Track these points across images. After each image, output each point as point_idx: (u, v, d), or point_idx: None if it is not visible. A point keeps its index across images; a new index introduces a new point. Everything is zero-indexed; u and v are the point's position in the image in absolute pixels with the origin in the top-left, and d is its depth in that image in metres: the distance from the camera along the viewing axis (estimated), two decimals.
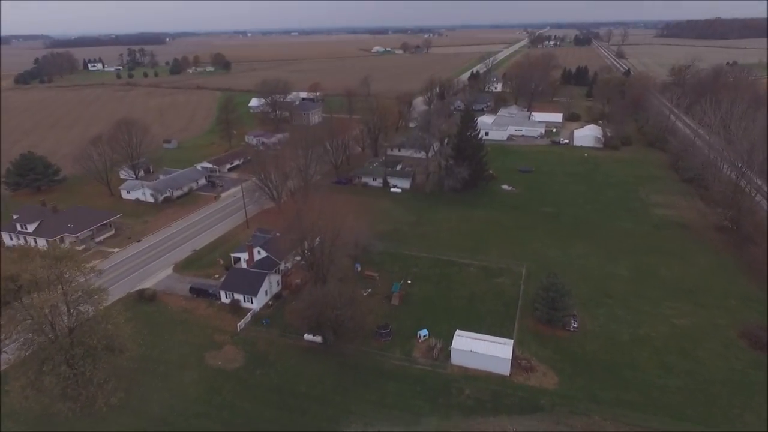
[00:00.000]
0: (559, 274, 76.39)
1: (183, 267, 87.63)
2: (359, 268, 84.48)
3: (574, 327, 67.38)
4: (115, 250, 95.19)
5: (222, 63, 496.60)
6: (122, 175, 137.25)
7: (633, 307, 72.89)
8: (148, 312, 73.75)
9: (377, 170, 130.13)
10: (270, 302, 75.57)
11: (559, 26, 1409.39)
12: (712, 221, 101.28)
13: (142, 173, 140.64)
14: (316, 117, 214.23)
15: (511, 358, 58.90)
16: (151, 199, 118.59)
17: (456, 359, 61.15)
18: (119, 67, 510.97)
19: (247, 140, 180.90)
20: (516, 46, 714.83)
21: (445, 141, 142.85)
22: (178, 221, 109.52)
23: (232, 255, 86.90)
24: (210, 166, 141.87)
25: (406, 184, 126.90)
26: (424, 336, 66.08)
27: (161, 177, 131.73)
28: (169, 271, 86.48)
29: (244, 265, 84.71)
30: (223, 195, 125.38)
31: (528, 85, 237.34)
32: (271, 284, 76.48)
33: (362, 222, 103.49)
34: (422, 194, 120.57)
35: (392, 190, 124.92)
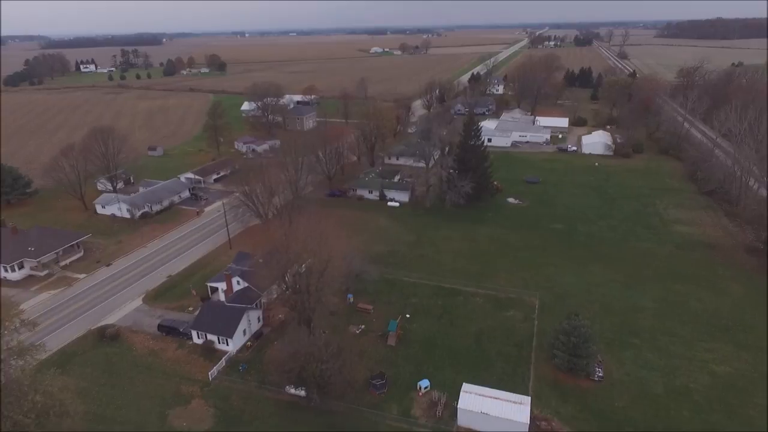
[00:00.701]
0: (579, 309, 67.66)
1: (154, 297, 78.16)
2: (351, 299, 75.14)
3: (599, 376, 58.14)
4: (81, 275, 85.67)
5: (217, 64, 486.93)
6: (100, 186, 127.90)
7: (664, 349, 63.61)
8: (108, 354, 64.28)
9: (373, 182, 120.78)
10: (249, 342, 66.17)
11: (558, 26, 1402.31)
12: (741, 241, 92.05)
13: (121, 185, 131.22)
14: (310, 122, 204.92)
15: (529, 421, 49.58)
16: (127, 215, 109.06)
17: (463, 421, 51.84)
18: (112, 69, 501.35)
19: (236, 147, 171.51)
20: (516, 47, 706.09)
21: (446, 150, 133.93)
22: (154, 241, 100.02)
23: (209, 284, 77.48)
24: (194, 177, 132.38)
25: (404, 197, 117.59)
26: (425, 388, 56.76)
27: (141, 189, 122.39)
28: (139, 302, 77.01)
29: (221, 295, 75.42)
30: (207, 209, 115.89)
31: (531, 88, 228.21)
32: (250, 322, 67.08)
33: (356, 242, 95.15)
34: (422, 209, 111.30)
35: (390, 203, 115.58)
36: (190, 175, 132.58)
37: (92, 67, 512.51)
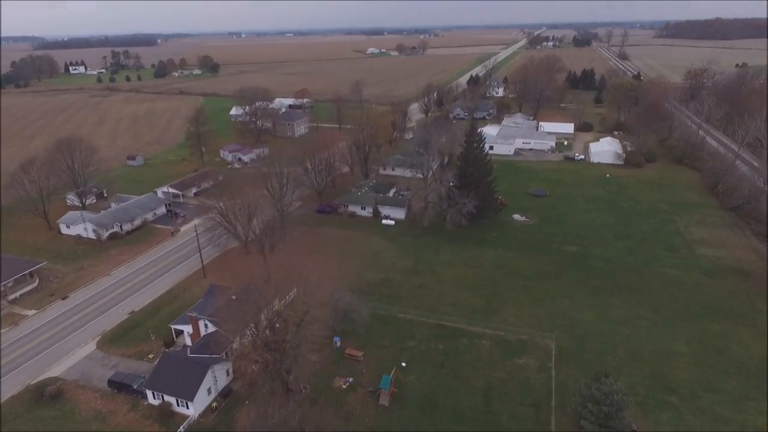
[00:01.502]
0: (602, 355, 57.80)
1: (111, 341, 67.69)
2: (338, 344, 64.82)
3: None
4: (31, 312, 75.14)
5: (210, 65, 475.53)
6: (70, 202, 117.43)
7: (708, 411, 53.55)
8: (45, 420, 53.85)
9: (366, 198, 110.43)
10: (215, 403, 55.76)
11: (555, 27, 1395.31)
12: None
13: (93, 200, 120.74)
14: (301, 127, 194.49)
15: None
16: (93, 236, 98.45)
17: None
18: (102, 70, 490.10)
19: (222, 156, 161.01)
20: (515, 47, 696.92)
21: (446, 160, 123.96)
22: (121, 267, 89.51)
23: (173, 327, 67.00)
24: (172, 191, 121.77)
25: (400, 214, 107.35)
26: None
27: (113, 205, 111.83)
28: (92, 346, 66.55)
29: (187, 339, 65.05)
30: (184, 228, 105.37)
31: (533, 91, 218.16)
32: (216, 378, 56.73)
33: (346, 269, 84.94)
34: (419, 228, 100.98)
35: (384, 222, 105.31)
36: (168, 189, 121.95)
37: (81, 69, 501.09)
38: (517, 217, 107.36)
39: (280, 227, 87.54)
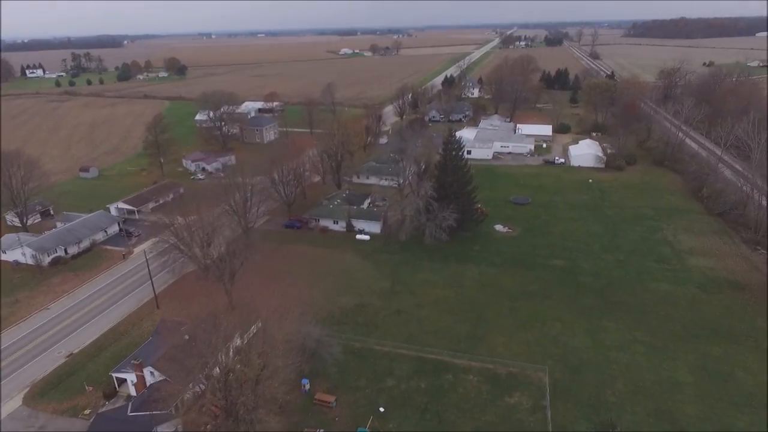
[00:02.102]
0: (600, 388, 51.87)
1: (41, 393, 58.30)
2: (307, 387, 57.10)
3: None
4: None
5: (176, 68, 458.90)
6: (10, 221, 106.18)
7: None
8: None
9: (338, 211, 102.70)
10: None
11: (527, 26, 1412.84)
12: None
13: (38, 218, 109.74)
14: (271, 133, 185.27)
15: None
16: (33, 261, 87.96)
17: None
18: (62, 74, 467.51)
19: (185, 165, 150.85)
20: (488, 47, 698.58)
21: (422, 166, 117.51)
22: (62, 298, 79.65)
23: (114, 375, 58.07)
24: (126, 207, 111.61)
25: (375, 228, 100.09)
26: None
27: (59, 225, 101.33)
28: (18, 402, 57.10)
29: (131, 388, 56.37)
30: (138, 250, 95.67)
31: (509, 92, 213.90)
32: None
33: (316, 293, 77.28)
34: (396, 243, 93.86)
35: (358, 237, 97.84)
36: (122, 205, 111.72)
37: (40, 72, 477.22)
38: (499, 228, 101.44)
39: (244, 247, 79.00)
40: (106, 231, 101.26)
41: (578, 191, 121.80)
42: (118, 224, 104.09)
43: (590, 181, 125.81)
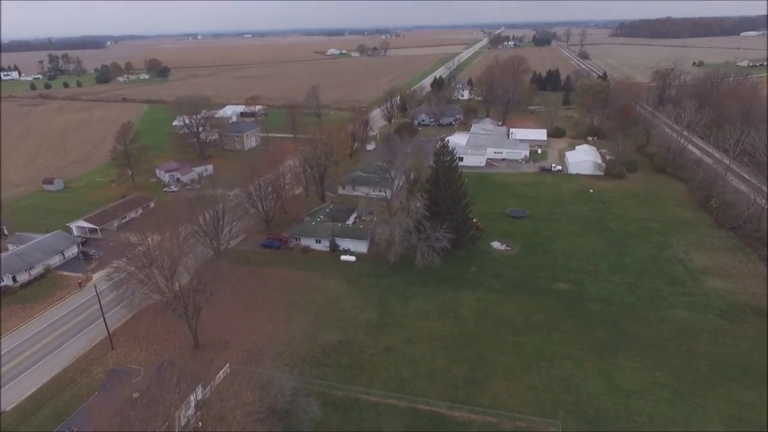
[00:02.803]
0: None
1: None
2: None
3: None
4: None
5: (158, 69, 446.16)
6: None
7: None
8: None
9: (321, 229, 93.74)
10: None
11: (514, 26, 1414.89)
12: None
13: None
14: (252, 139, 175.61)
15: None
16: None
17: None
18: (38, 76, 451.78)
19: (158, 176, 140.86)
20: (476, 47, 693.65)
21: (412, 176, 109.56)
22: (4, 337, 69.77)
23: None
24: (88, 225, 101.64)
25: (362, 247, 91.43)
26: None
27: (10, 248, 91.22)
28: None
29: None
30: (98, 276, 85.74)
31: (501, 94, 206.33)
32: None
33: (294, 327, 68.54)
34: (385, 265, 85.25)
35: (343, 258, 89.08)
36: (83, 224, 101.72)
37: (15, 75, 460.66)
38: (496, 245, 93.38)
39: (212, 279, 69.71)
40: (63, 254, 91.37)
41: (578, 202, 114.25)
42: (78, 245, 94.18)
43: (591, 191, 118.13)
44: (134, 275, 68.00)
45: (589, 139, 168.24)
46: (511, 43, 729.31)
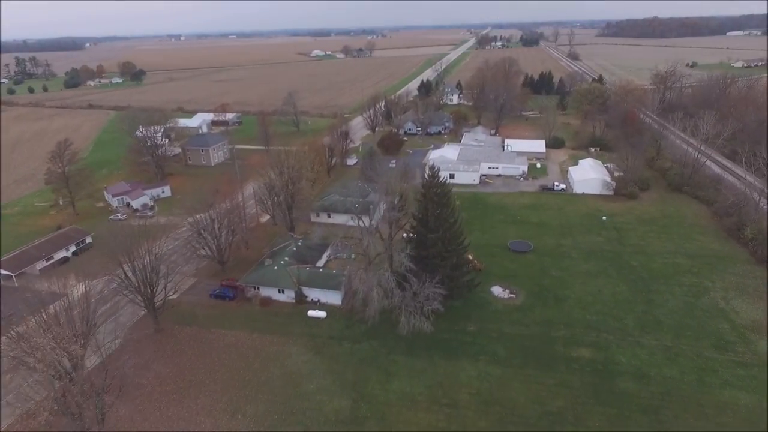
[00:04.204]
0: None
1: None
2: None
3: None
4: None
5: (132, 73, 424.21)
6: None
7: None
8: None
9: (285, 276, 76.59)
10: None
11: (501, 26, 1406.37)
12: None
13: None
14: (220, 153, 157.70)
15: None
16: None
17: None
18: (4, 81, 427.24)
19: (107, 199, 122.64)
20: (464, 47, 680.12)
21: (396, 200, 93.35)
22: None
23: None
24: (3, 272, 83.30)
25: (334, 298, 74.73)
26: None
27: None
28: None
29: None
30: (4, 339, 67.66)
31: (493, 99, 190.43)
32: None
33: (241, 425, 51.60)
34: (361, 325, 68.62)
35: (311, 313, 72.28)
36: None
37: None
38: (498, 291, 77.34)
39: (120, 374, 52.43)
40: None
41: (589, 230, 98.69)
42: None
43: (604, 218, 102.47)
44: (21, 361, 50.85)
45: (592, 150, 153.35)
46: (499, 43, 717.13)
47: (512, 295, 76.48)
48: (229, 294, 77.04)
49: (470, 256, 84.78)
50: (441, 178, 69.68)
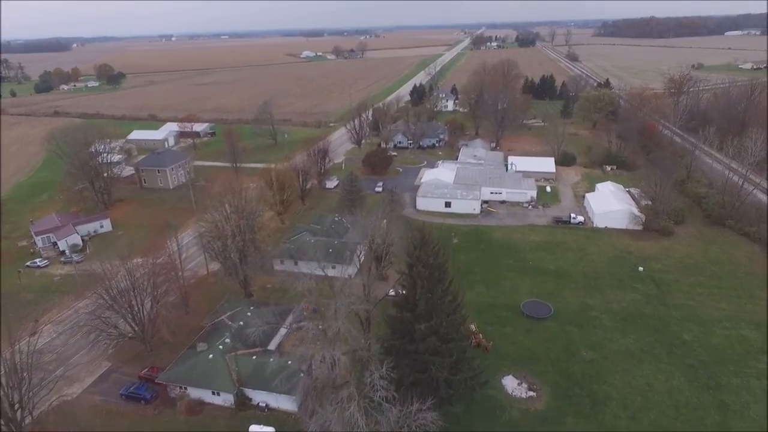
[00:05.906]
0: None
1: None
2: None
3: None
4: None
5: (109, 76, 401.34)
6: None
7: None
8: None
9: (220, 370, 55.78)
10: None
11: (495, 26, 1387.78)
12: None
13: None
14: (180, 173, 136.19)
15: None
16: None
17: None
18: None
19: (33, 238, 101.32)
20: (458, 48, 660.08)
21: (383, 246, 74.38)
22: None
23: None
24: None
25: (288, 403, 54.06)
26: None
27: None
28: None
29: None
30: None
31: (492, 106, 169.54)
32: None
33: None
34: None
35: (253, 429, 51.61)
36: None
37: None
38: (511, 385, 57.15)
39: None
40: None
41: (621, 283, 78.61)
42: None
43: (641, 269, 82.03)
44: None
45: (607, 169, 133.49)
46: (495, 44, 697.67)
47: (532, 393, 56.28)
48: (145, 395, 56.17)
49: (473, 327, 65.00)
50: (435, 245, 48.94)
